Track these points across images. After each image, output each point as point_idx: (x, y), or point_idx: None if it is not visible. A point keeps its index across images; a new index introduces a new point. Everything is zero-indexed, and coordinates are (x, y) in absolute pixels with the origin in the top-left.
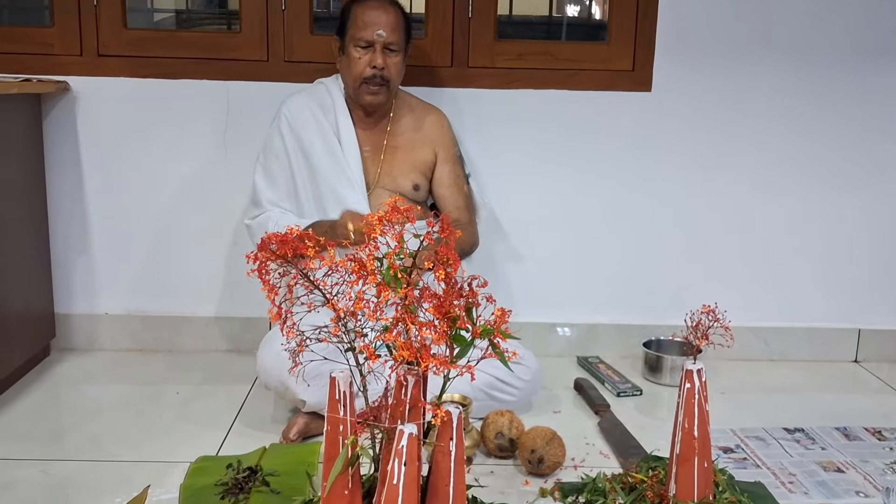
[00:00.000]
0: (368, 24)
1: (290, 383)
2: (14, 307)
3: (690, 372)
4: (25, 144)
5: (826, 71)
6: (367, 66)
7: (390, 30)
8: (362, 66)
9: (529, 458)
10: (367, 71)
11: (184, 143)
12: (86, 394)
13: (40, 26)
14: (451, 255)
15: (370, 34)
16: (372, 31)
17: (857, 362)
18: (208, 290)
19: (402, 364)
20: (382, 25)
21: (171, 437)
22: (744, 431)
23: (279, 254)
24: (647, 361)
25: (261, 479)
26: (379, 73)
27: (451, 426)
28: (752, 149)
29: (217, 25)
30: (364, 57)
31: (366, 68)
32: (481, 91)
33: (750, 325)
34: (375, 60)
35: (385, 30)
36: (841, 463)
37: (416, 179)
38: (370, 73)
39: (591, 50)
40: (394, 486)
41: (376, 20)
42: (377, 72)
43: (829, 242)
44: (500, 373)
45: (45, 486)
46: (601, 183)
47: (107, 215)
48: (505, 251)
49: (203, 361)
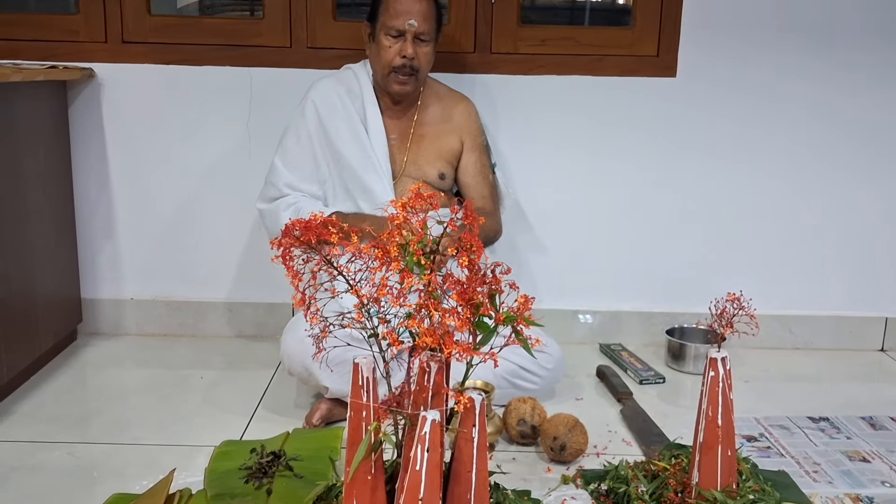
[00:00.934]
0: (401, 13)
1: (314, 369)
2: (42, 292)
3: (715, 360)
4: (52, 131)
5: (852, 56)
6: (398, 55)
7: (422, 19)
8: (392, 55)
9: (552, 445)
10: (397, 60)
11: (207, 129)
12: (112, 378)
13: (66, 13)
14: (474, 242)
15: (402, 23)
16: (404, 21)
17: (884, 351)
18: (232, 275)
19: (425, 350)
20: (415, 15)
21: (196, 421)
22: (768, 420)
23: (303, 240)
24: (670, 349)
25: (284, 463)
26: (409, 63)
27: (473, 413)
28: (776, 135)
29: (240, 12)
30: (395, 46)
31: (395, 57)
32: (504, 77)
33: (774, 313)
34: (406, 50)
35: (417, 19)
36: (867, 452)
37: (442, 168)
38: (400, 62)
39: (616, 35)
40: (416, 472)
41: (409, 9)
42: (407, 61)
43: (855, 230)
44: (523, 360)
45: (72, 468)
46: (624, 169)
47: (132, 201)
48: (527, 238)
49: (227, 346)
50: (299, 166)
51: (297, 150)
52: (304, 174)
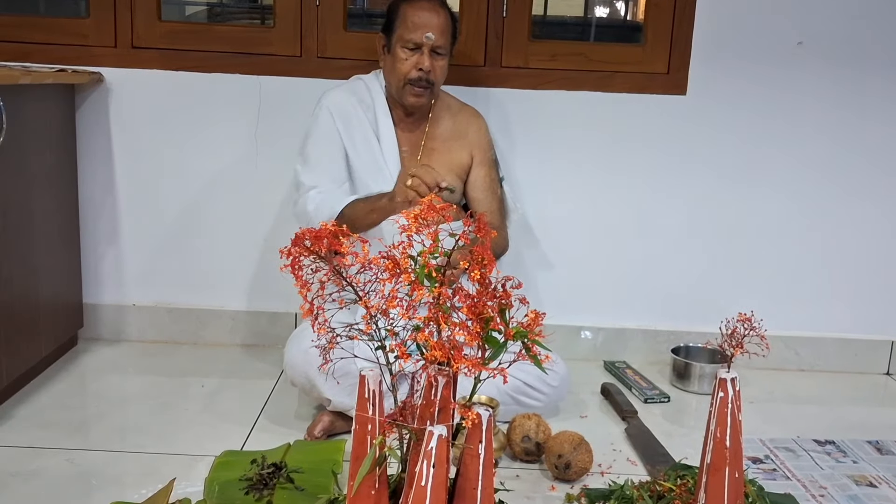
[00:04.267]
0: (419, 26)
1: (318, 381)
2: (43, 296)
3: (724, 381)
4: (59, 134)
5: (863, 77)
6: (414, 67)
7: (439, 33)
8: (408, 68)
9: (556, 462)
10: (414, 73)
11: (215, 136)
12: (112, 384)
13: (76, 17)
14: (486, 255)
15: (419, 36)
16: (421, 34)
17: (890, 375)
18: (235, 283)
19: (433, 364)
20: (433, 28)
21: (196, 430)
22: (773, 442)
23: (312, 249)
24: (676, 368)
25: (285, 475)
26: (425, 76)
27: (480, 429)
28: (784, 156)
29: (249, 20)
30: (411, 58)
31: (412, 70)
32: (514, 91)
33: (780, 335)
34: (423, 63)
35: (434, 32)
36: (873, 477)
37: (453, 182)
38: (416, 75)
39: (626, 52)
40: (422, 488)
41: (427, 22)
42: (423, 74)
43: (862, 252)
44: (529, 377)
45: (70, 475)
46: (632, 186)
47: (137, 207)
48: (533, 252)
49: (229, 355)
50: (324, 167)
51: (318, 153)
52: (327, 174)
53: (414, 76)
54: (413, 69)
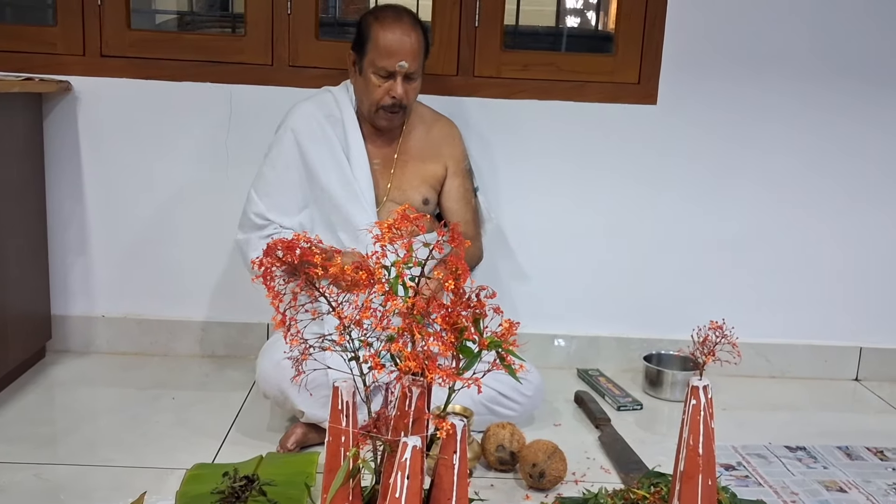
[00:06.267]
0: (392, 53)
1: (290, 393)
2: (11, 308)
3: (697, 388)
4: (26, 144)
5: (830, 90)
6: (387, 94)
7: (412, 58)
8: (381, 94)
9: (530, 471)
10: (387, 100)
11: (185, 146)
12: (81, 397)
13: (43, 25)
14: (460, 265)
15: (392, 65)
16: (394, 62)
17: (858, 381)
18: (206, 294)
19: (407, 375)
20: (405, 55)
21: (167, 443)
22: (745, 449)
23: (285, 260)
24: (648, 375)
25: (258, 488)
26: (398, 102)
27: (455, 439)
28: (754, 165)
29: (220, 28)
30: (384, 85)
31: (385, 96)
32: (486, 101)
33: (751, 342)
34: (395, 90)
35: (408, 59)
36: (843, 482)
37: (426, 193)
38: (389, 101)
39: (597, 62)
40: (396, 500)
41: (399, 48)
42: (396, 101)
43: (831, 260)
44: (504, 387)
45: (39, 490)
46: (604, 196)
47: (106, 217)
48: (506, 261)
49: (199, 366)
50: (274, 196)
51: (274, 179)
52: (278, 204)
53: (387, 103)
54: (386, 96)
